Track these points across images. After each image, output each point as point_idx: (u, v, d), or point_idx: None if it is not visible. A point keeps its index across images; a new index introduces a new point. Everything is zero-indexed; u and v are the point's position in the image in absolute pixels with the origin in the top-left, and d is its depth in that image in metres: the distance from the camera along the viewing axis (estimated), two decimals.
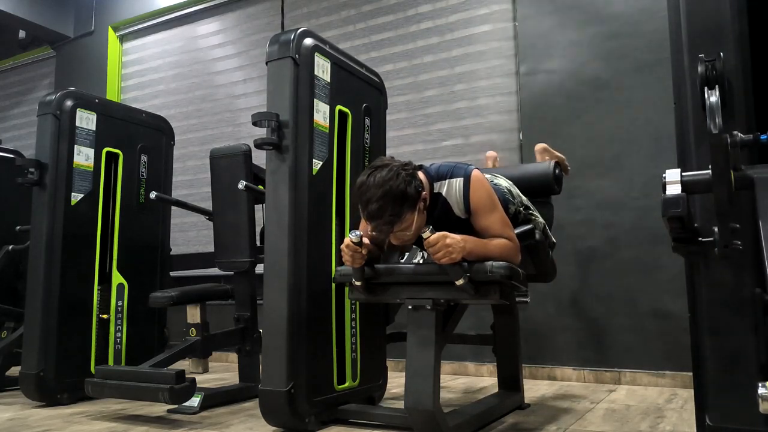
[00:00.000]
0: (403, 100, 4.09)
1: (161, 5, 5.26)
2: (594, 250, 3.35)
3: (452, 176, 2.08)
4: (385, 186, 1.86)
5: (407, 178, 1.90)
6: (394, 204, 1.87)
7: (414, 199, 1.90)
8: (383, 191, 1.86)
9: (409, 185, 1.89)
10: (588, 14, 3.50)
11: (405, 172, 1.91)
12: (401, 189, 1.87)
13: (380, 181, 1.87)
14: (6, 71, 6.40)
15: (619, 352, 3.24)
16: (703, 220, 1.45)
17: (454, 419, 2.09)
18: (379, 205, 1.86)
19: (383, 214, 1.87)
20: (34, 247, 2.99)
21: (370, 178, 1.89)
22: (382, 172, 1.89)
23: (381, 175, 1.88)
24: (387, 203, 1.86)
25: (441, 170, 2.11)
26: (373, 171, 1.92)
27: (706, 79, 1.32)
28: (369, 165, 2.01)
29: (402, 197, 1.87)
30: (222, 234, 3.01)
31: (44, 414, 2.73)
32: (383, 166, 1.93)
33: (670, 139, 2.60)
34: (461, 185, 2.05)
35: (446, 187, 2.08)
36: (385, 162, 1.95)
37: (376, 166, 1.94)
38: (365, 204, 1.90)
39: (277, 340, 2.20)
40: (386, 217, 1.88)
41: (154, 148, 3.53)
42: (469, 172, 2.06)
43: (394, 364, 3.52)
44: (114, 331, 3.22)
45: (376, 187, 1.86)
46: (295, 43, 2.29)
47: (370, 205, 1.88)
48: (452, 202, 2.07)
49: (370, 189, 1.88)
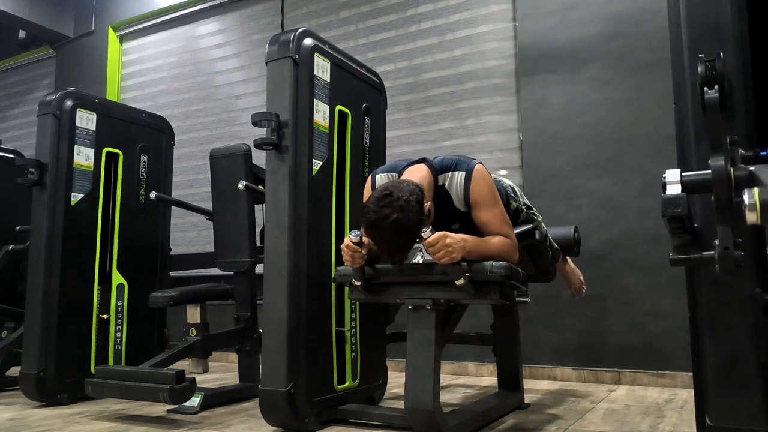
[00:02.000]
0: (403, 100, 4.09)
1: (161, 5, 5.26)
2: (594, 250, 3.35)
3: (455, 169, 2.08)
4: (399, 226, 1.83)
5: (416, 207, 1.85)
6: (408, 239, 1.88)
7: (423, 221, 1.88)
8: (396, 232, 1.84)
9: (419, 215, 1.86)
10: (588, 14, 3.50)
11: (414, 198, 1.86)
12: (413, 223, 1.84)
13: (393, 222, 1.82)
14: (6, 71, 6.41)
15: (619, 352, 3.24)
16: (703, 221, 1.44)
17: (454, 419, 2.09)
18: (395, 244, 1.88)
19: (400, 250, 1.90)
20: (34, 247, 2.99)
21: (383, 221, 1.83)
22: (392, 210, 1.83)
23: (393, 216, 1.82)
24: (401, 240, 1.87)
25: (445, 163, 2.11)
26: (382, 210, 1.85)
27: (706, 79, 1.32)
28: (374, 194, 1.92)
29: (415, 229, 1.85)
30: (222, 234, 3.01)
31: (44, 414, 2.73)
32: (391, 201, 1.85)
33: (670, 139, 2.60)
34: (463, 178, 2.05)
35: (449, 179, 2.08)
36: (393, 194, 1.87)
37: (384, 204, 1.85)
38: (379, 243, 1.90)
39: (277, 340, 2.20)
40: (402, 250, 1.91)
41: (154, 148, 3.53)
42: (472, 166, 2.06)
43: (394, 364, 3.52)
44: (114, 331, 3.22)
45: (389, 228, 1.83)
46: (295, 43, 2.30)
47: (384, 244, 1.89)
48: (453, 194, 2.07)
49: (382, 230, 1.85)
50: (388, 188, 1.89)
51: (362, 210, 1.92)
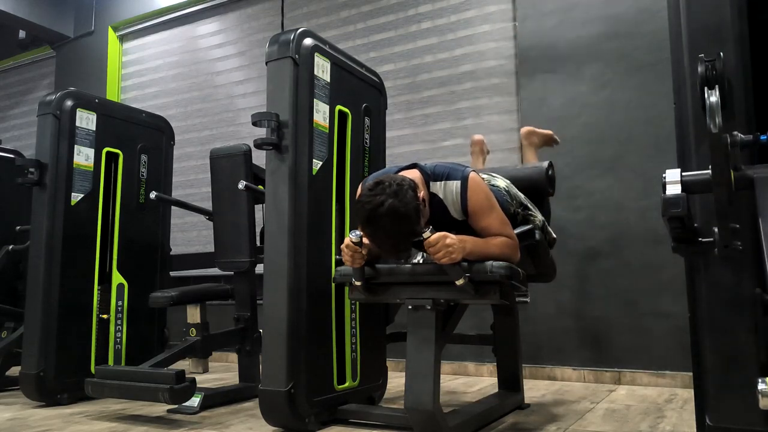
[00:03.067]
0: (403, 100, 4.09)
1: (161, 5, 5.26)
2: (594, 250, 3.35)
3: (449, 178, 2.06)
4: (396, 212, 1.81)
5: (411, 192, 1.85)
6: (409, 228, 1.85)
7: (420, 207, 1.88)
8: (394, 220, 1.82)
9: (415, 200, 1.85)
10: (588, 14, 3.50)
11: (407, 184, 1.87)
12: (411, 208, 1.83)
13: (389, 208, 1.81)
14: (6, 71, 6.40)
15: (619, 352, 3.24)
16: (703, 220, 1.45)
17: (454, 419, 2.09)
18: (396, 234, 1.86)
19: (402, 240, 1.88)
20: (34, 247, 2.99)
21: (378, 209, 1.82)
22: (385, 196, 1.82)
23: (388, 202, 1.81)
24: (402, 229, 1.85)
25: (437, 170, 2.09)
26: (376, 198, 1.83)
27: (706, 79, 1.32)
28: (366, 186, 1.92)
29: (414, 216, 1.84)
30: (222, 234, 3.01)
31: (44, 414, 2.73)
32: (384, 188, 1.84)
33: (670, 139, 2.60)
34: (458, 188, 2.04)
35: (443, 189, 2.07)
36: (384, 181, 1.87)
37: (376, 192, 1.84)
38: (380, 238, 1.88)
39: (277, 340, 2.20)
40: (405, 241, 1.89)
41: (154, 148, 3.53)
42: (466, 175, 2.05)
43: (394, 364, 3.52)
44: (114, 331, 3.22)
45: (387, 216, 1.81)
46: (295, 43, 2.29)
47: (385, 238, 1.87)
48: (449, 204, 2.06)
49: (380, 220, 1.83)
50: (378, 178, 1.92)
51: (356, 206, 1.92)
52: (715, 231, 1.29)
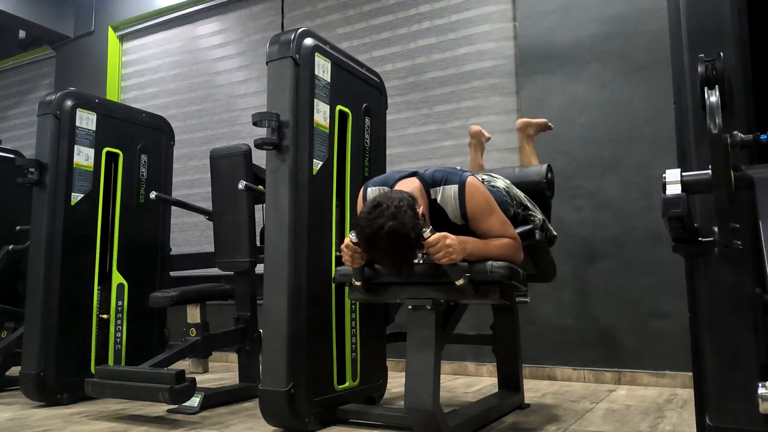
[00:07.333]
0: (403, 100, 4.09)
1: (161, 5, 5.26)
2: (594, 250, 3.35)
3: (446, 183, 2.05)
4: (395, 234, 1.80)
5: (409, 212, 1.83)
6: (409, 246, 1.85)
7: (419, 225, 1.86)
8: (393, 241, 1.81)
9: (414, 219, 1.83)
10: (588, 14, 3.50)
11: (405, 204, 1.84)
12: (409, 228, 1.81)
13: (389, 231, 1.79)
14: (6, 71, 6.40)
15: (619, 352, 3.24)
16: (703, 220, 1.44)
17: (454, 419, 2.09)
18: (397, 254, 1.85)
19: (403, 259, 1.88)
20: (34, 247, 2.99)
21: (378, 232, 1.81)
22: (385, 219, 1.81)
23: (387, 225, 1.79)
24: (401, 248, 1.84)
25: (436, 176, 2.08)
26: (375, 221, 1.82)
27: (706, 79, 1.32)
28: (365, 208, 1.91)
29: (413, 235, 1.82)
30: (222, 234, 3.01)
31: (44, 414, 2.73)
32: (382, 210, 1.83)
33: (670, 139, 2.60)
34: (456, 193, 2.03)
35: (441, 194, 2.06)
36: (383, 203, 1.85)
37: (375, 216, 1.83)
38: (381, 257, 1.89)
39: (277, 341, 2.20)
40: (406, 260, 1.89)
41: (154, 148, 3.53)
42: (464, 179, 2.04)
43: (394, 364, 3.52)
44: (114, 331, 3.22)
45: (386, 238, 1.80)
46: (296, 43, 2.30)
47: (386, 257, 1.87)
48: (447, 209, 2.06)
49: (379, 241, 1.82)
50: (377, 199, 1.88)
51: (356, 226, 1.91)
52: (715, 231, 1.29)
